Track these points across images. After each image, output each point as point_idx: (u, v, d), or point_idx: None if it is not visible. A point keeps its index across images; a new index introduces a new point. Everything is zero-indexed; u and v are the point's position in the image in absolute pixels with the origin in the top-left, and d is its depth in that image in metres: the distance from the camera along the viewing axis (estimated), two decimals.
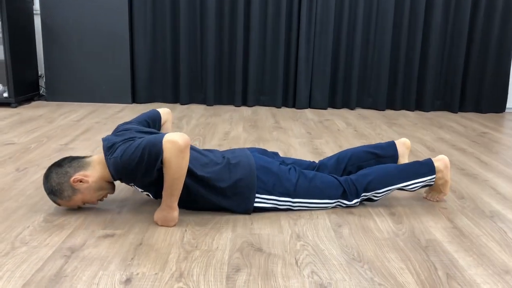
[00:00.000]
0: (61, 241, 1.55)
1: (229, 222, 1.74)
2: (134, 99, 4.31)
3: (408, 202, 1.99)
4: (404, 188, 1.92)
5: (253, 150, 1.98)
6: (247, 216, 1.79)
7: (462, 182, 2.29)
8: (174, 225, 1.68)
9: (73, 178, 1.68)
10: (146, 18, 4.18)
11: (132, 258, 1.45)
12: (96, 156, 1.76)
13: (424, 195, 2.06)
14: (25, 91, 4.03)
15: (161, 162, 1.59)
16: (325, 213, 1.85)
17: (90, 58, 4.12)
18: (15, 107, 3.87)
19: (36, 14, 4.23)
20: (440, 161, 1.94)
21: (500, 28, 4.25)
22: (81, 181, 1.68)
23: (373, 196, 1.90)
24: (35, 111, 3.74)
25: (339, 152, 2.11)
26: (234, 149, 1.95)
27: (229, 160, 1.82)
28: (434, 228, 1.74)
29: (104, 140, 1.74)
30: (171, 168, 1.58)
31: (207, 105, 4.32)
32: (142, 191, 1.78)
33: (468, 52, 4.31)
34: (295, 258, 1.48)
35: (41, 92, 4.38)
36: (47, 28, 4.05)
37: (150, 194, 1.77)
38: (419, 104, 4.41)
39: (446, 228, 1.74)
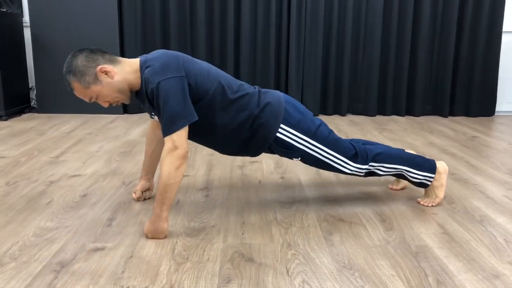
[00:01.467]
0: (50, 255, 1.54)
1: (220, 233, 1.73)
2: (126, 110, 4.31)
3: (399, 208, 2.00)
4: (406, 174, 1.98)
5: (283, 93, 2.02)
6: (238, 226, 1.79)
7: (452, 187, 2.30)
8: (165, 237, 1.68)
9: (101, 66, 1.65)
10: (136, 29, 4.19)
11: (122, 271, 1.45)
12: (129, 60, 1.73)
13: (419, 200, 2.08)
14: (15, 103, 4.02)
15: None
16: (316, 221, 1.85)
17: None
18: (6, 119, 3.85)
19: (26, 26, 4.22)
20: (440, 164, 2.02)
21: (487, 33, 4.29)
22: (106, 73, 1.66)
23: (379, 169, 1.95)
24: (26, 124, 3.73)
25: (351, 139, 2.13)
26: None
27: (260, 89, 1.88)
28: (425, 234, 1.75)
29: (142, 56, 1.72)
30: (165, 173, 1.59)
31: None
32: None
33: (457, 57, 4.36)
34: (286, 267, 1.48)
35: (32, 104, 4.36)
36: (37, 40, 4.05)
37: None
38: (409, 109, 4.44)
39: (437, 234, 1.75)
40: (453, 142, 3.32)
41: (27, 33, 4.23)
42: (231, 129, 1.80)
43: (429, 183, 2.00)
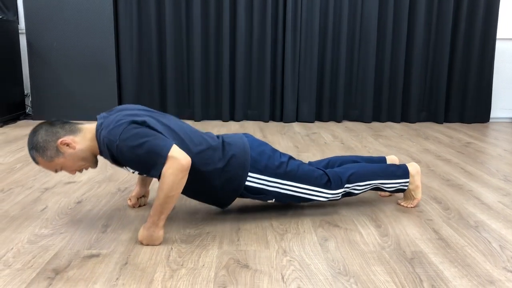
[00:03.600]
0: (45, 262, 1.53)
1: (215, 239, 1.73)
2: None
3: (394, 214, 2.01)
4: (381, 186, 2.00)
5: (245, 134, 2.00)
6: (233, 232, 1.79)
7: (447, 193, 2.31)
8: (160, 244, 1.67)
9: (61, 139, 1.64)
10: (132, 35, 4.20)
11: (117, 278, 1.44)
12: (89, 125, 1.72)
13: (399, 201, 2.12)
14: (10, 110, 4.01)
15: (159, 176, 1.58)
16: (311, 227, 1.85)
17: (76, 76, 4.12)
18: (1, 126, 3.84)
19: (22, 33, 4.23)
20: (411, 166, 2.06)
21: (481, 40, 4.33)
22: (68, 145, 1.65)
23: (354, 189, 1.97)
24: (21, 131, 3.72)
25: (329, 158, 2.16)
26: (227, 133, 1.97)
27: (223, 139, 1.86)
28: (420, 239, 1.76)
29: (100, 118, 1.71)
30: (168, 185, 1.57)
31: (195, 121, 4.33)
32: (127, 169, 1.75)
33: (451, 63, 4.39)
34: (281, 274, 1.48)
35: (27, 111, 4.36)
36: (32, 47, 4.05)
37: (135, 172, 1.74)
38: (404, 115, 4.46)
39: (432, 240, 1.76)
40: (448, 148, 3.33)
41: (23, 40, 4.23)
42: (197, 182, 1.76)
43: (405, 187, 2.05)
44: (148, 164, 1.59)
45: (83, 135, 1.69)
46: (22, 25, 4.25)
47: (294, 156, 3.00)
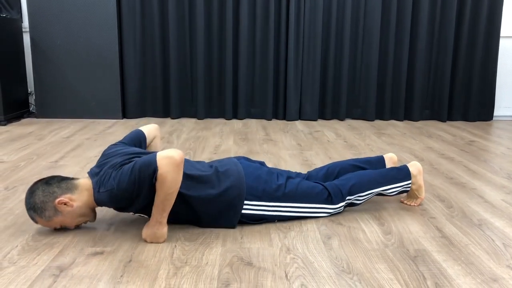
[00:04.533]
0: (49, 260, 1.54)
1: (219, 237, 1.74)
2: (125, 115, 4.31)
3: (397, 212, 2.01)
4: (384, 192, 1.99)
5: (239, 158, 1.99)
6: (237, 230, 1.79)
7: (450, 191, 2.31)
8: (163, 242, 1.68)
9: (58, 199, 1.65)
10: (135, 34, 4.20)
11: (121, 276, 1.45)
12: (84, 181, 1.72)
13: (402, 199, 2.13)
14: (14, 108, 4.02)
15: (155, 179, 1.58)
16: (314, 225, 1.85)
17: (80, 74, 4.13)
18: (5, 124, 3.86)
19: (25, 31, 4.23)
20: (413, 166, 2.04)
21: (485, 38, 4.32)
22: (65, 204, 1.66)
23: (356, 200, 1.96)
24: (25, 129, 3.73)
25: (327, 165, 2.14)
26: (221, 159, 1.95)
27: (217, 168, 1.83)
28: (423, 237, 1.76)
29: (90, 174, 1.72)
30: (166, 183, 1.58)
31: (198, 119, 4.34)
32: (135, 214, 1.77)
33: (455, 61, 4.38)
34: (285, 272, 1.49)
35: (31, 109, 4.37)
36: (36, 46, 4.06)
37: (145, 215, 1.76)
38: (407, 113, 4.45)
39: (435, 238, 1.76)
40: (451, 146, 3.33)
41: (26, 38, 4.24)
42: (194, 213, 1.76)
43: (408, 189, 2.03)
44: (148, 178, 1.58)
45: (80, 191, 1.69)
46: (26, 23, 4.25)
47: (297, 155, 3.00)
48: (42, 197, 1.66)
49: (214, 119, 4.36)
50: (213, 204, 1.76)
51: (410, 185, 2.02)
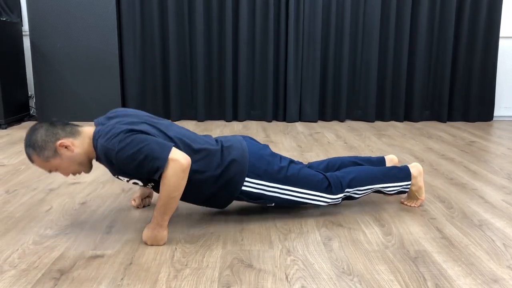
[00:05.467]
0: (50, 263, 1.54)
1: (219, 239, 1.74)
2: None
3: (397, 213, 2.01)
4: (382, 190, 1.99)
5: (245, 137, 1.99)
6: (237, 232, 1.80)
7: (451, 192, 2.31)
8: (164, 244, 1.68)
9: (60, 141, 1.63)
10: (135, 36, 4.21)
11: (122, 279, 1.45)
12: (89, 129, 1.71)
13: (402, 200, 2.13)
14: (15, 112, 4.03)
15: (159, 177, 1.58)
16: (315, 227, 1.85)
17: (80, 77, 4.14)
18: (5, 128, 3.86)
19: (25, 35, 4.24)
20: (414, 168, 2.04)
21: (484, 38, 4.32)
22: (66, 148, 1.64)
23: (355, 193, 1.96)
24: (25, 132, 3.73)
25: (328, 159, 2.16)
26: (227, 135, 1.95)
27: (223, 143, 1.84)
28: (423, 238, 1.76)
29: (96, 123, 1.71)
30: (170, 186, 1.58)
31: (198, 121, 4.34)
32: (130, 182, 1.74)
33: (455, 62, 4.38)
34: (285, 273, 1.49)
35: (31, 112, 4.38)
36: (36, 49, 4.07)
37: (138, 183, 1.73)
38: (408, 114, 4.46)
39: (435, 238, 1.76)
40: (451, 147, 3.33)
41: (27, 42, 4.25)
42: (194, 187, 1.75)
43: (407, 190, 2.04)
44: (148, 168, 1.58)
45: (82, 139, 1.67)
46: (26, 27, 4.27)
47: (298, 156, 3.00)
48: (44, 136, 1.63)
49: (214, 121, 4.36)
50: (215, 177, 1.75)
51: (409, 186, 2.02)
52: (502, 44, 4.49)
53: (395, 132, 3.88)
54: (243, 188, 1.79)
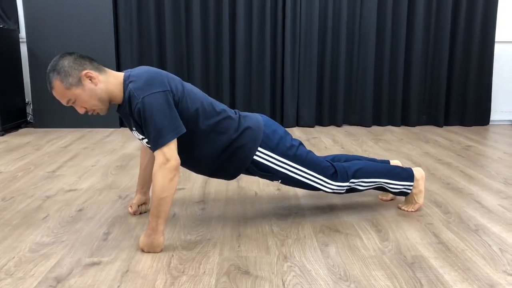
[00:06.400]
0: (46, 271, 1.54)
1: (216, 246, 1.74)
2: (122, 123, 4.32)
3: (394, 219, 2.01)
4: (385, 185, 2.01)
5: (262, 115, 2.02)
6: (234, 239, 1.80)
7: (447, 196, 2.31)
8: (161, 251, 1.68)
9: (86, 71, 1.65)
10: (132, 42, 4.22)
11: (118, 286, 1.44)
12: (115, 72, 1.74)
13: (399, 205, 2.13)
14: (12, 118, 4.03)
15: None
16: (312, 232, 1.85)
17: None
18: (2, 135, 3.86)
19: (22, 42, 4.25)
20: (416, 171, 2.07)
21: (480, 43, 4.34)
22: (90, 79, 1.65)
23: (359, 185, 1.98)
24: (22, 139, 3.73)
25: (334, 154, 2.17)
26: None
27: (240, 113, 1.90)
28: (420, 244, 1.76)
29: (127, 71, 1.73)
30: (158, 186, 1.60)
31: None
32: (141, 138, 1.77)
33: (451, 67, 4.40)
34: (282, 280, 1.49)
35: (28, 119, 4.37)
36: (33, 56, 4.07)
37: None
38: (404, 119, 4.47)
39: (432, 244, 1.76)
40: (448, 151, 3.34)
41: (24, 49, 4.25)
42: (209, 151, 1.80)
43: (409, 191, 2.06)
44: (152, 135, 1.61)
45: (107, 77, 1.70)
46: (23, 33, 4.27)
47: None
48: (72, 63, 1.64)
49: None
50: (231, 140, 1.80)
51: (411, 188, 2.04)
52: (498, 48, 4.51)
53: (392, 137, 3.89)
54: (255, 157, 1.83)
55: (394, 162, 2.22)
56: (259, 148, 1.83)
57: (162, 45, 4.27)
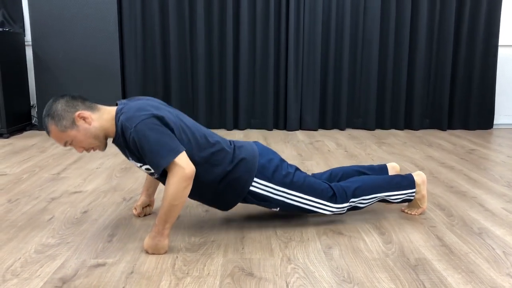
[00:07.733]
0: (52, 272, 1.55)
1: (220, 247, 1.75)
2: None
3: (397, 221, 2.02)
4: (387, 198, 2.00)
5: (256, 142, 2.03)
6: (238, 241, 1.80)
7: (451, 200, 2.32)
8: (165, 253, 1.69)
9: (79, 112, 1.68)
10: (137, 45, 4.24)
11: (123, 287, 1.46)
12: (108, 107, 1.76)
13: (403, 208, 2.14)
14: (17, 121, 4.05)
15: (163, 171, 1.63)
16: (315, 235, 1.86)
17: (82, 87, 4.16)
18: (7, 137, 3.88)
19: (28, 45, 4.28)
20: (417, 176, 2.05)
21: (484, 47, 4.35)
22: (84, 119, 1.68)
23: (360, 203, 1.97)
24: (27, 141, 3.75)
25: (330, 169, 2.17)
26: (239, 140, 2.00)
27: (235, 143, 1.89)
28: (424, 246, 1.76)
29: (120, 103, 1.74)
30: (171, 193, 1.60)
31: None
32: (140, 166, 1.77)
33: (454, 70, 4.40)
34: (286, 282, 1.49)
35: (33, 121, 4.40)
36: (38, 59, 4.10)
37: (150, 169, 1.76)
38: (408, 123, 4.47)
39: (435, 246, 1.76)
40: (451, 155, 3.34)
41: (29, 52, 4.28)
42: (204, 182, 1.78)
43: (412, 198, 2.05)
44: (150, 161, 1.62)
45: (101, 114, 1.72)
46: (28, 37, 4.30)
47: (298, 165, 3.01)
48: (64, 106, 1.68)
49: (215, 130, 4.38)
50: (226, 172, 1.79)
51: (414, 194, 2.03)
52: (501, 52, 4.52)
53: (395, 141, 3.89)
54: (251, 188, 1.83)
55: (391, 164, 2.21)
56: (255, 179, 1.83)
57: (166, 48, 4.29)
